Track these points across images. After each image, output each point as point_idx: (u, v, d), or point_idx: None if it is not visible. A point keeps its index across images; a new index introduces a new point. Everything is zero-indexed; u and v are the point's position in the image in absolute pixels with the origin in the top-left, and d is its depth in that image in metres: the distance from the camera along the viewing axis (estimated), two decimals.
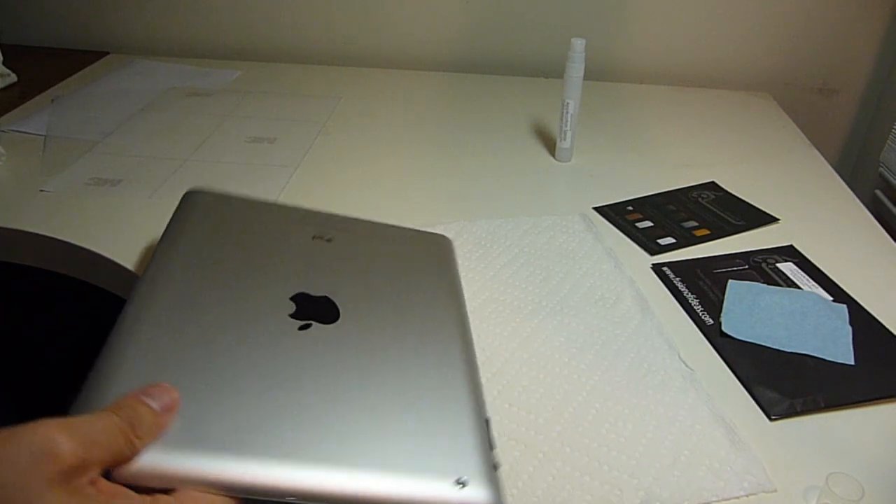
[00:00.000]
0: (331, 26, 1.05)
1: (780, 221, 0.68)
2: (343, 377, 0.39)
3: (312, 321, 0.42)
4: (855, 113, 1.06)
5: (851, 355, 0.50)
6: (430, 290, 0.49)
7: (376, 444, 0.36)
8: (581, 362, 0.49)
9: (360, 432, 0.36)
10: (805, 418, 0.46)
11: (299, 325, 0.41)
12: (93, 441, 0.30)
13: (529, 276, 0.58)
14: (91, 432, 0.30)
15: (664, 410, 0.45)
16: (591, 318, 0.54)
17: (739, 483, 0.41)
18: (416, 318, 0.45)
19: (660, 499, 0.39)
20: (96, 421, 0.31)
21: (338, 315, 0.43)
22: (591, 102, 0.92)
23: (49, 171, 0.73)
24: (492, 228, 0.65)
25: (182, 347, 0.38)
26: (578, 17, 1.01)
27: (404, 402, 0.39)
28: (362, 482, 0.34)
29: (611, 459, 0.42)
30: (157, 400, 0.34)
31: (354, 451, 0.35)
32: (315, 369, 0.39)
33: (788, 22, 0.99)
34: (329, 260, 0.48)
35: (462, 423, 0.39)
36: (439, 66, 1.06)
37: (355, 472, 0.34)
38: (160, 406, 0.34)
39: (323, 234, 0.50)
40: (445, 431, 0.38)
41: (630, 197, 0.72)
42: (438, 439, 0.37)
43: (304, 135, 0.83)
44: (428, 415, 0.38)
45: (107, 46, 1.08)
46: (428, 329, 0.45)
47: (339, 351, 0.41)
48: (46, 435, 0.28)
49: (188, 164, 0.75)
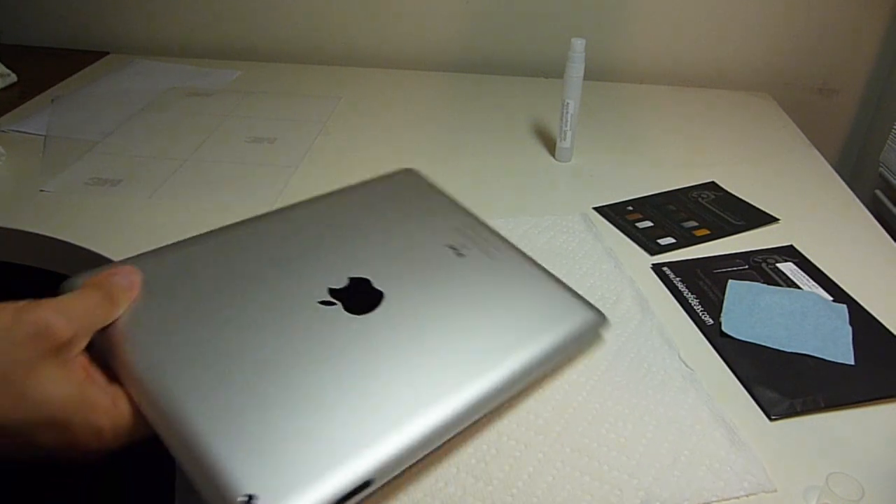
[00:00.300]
0: (331, 26, 1.05)
1: (780, 221, 0.68)
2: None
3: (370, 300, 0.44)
4: (855, 113, 1.06)
5: (851, 355, 0.50)
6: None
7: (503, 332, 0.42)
8: (581, 362, 0.49)
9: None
10: (805, 418, 0.46)
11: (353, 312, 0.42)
12: (81, 317, 0.36)
13: None
14: (79, 309, 0.36)
15: (664, 410, 0.45)
16: None
17: (739, 483, 0.41)
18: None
19: (660, 499, 0.39)
20: (83, 298, 0.37)
21: (379, 297, 0.44)
22: (591, 102, 0.92)
23: (49, 171, 0.73)
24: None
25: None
26: (578, 17, 1.01)
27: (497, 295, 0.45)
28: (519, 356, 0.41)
29: (611, 459, 0.42)
30: (125, 277, 0.40)
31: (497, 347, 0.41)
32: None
33: (788, 22, 0.99)
34: (355, 248, 0.48)
35: (536, 278, 0.47)
36: (439, 66, 1.06)
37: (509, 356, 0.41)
38: (128, 282, 0.40)
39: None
40: (535, 293, 0.46)
41: (630, 197, 0.72)
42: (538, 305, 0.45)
43: (304, 135, 0.83)
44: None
45: (107, 46, 1.08)
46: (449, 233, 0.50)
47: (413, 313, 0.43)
48: (43, 316, 0.34)
49: (188, 164, 0.75)
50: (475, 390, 0.39)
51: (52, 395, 0.33)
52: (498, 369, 0.40)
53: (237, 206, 0.68)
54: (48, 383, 0.33)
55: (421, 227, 0.50)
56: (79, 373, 0.35)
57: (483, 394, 0.39)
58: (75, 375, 0.35)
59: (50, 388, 0.33)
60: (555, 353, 0.43)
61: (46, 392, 0.33)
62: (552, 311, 0.45)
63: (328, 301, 0.43)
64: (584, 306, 0.46)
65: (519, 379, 0.41)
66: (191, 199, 0.69)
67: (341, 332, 0.41)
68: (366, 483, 0.33)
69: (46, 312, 0.34)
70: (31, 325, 0.33)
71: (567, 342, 0.44)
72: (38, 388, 0.33)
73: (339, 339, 0.40)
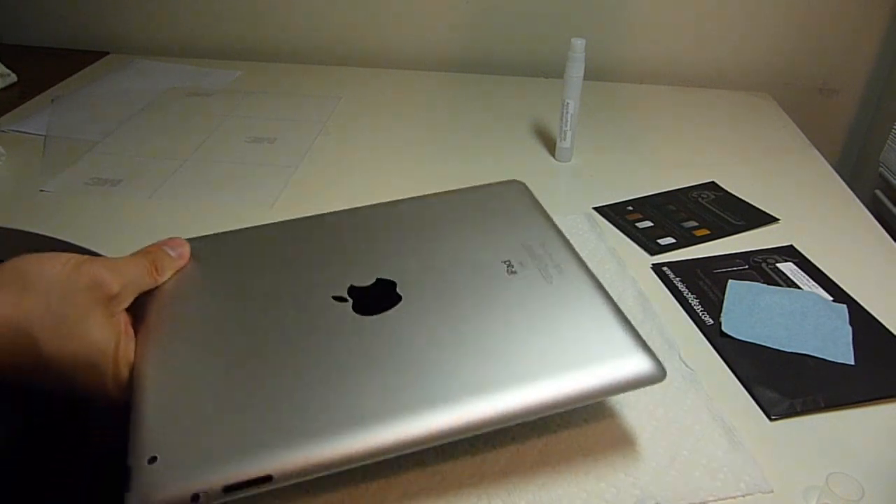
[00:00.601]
0: (331, 26, 1.05)
1: (780, 221, 0.68)
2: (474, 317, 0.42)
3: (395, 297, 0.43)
4: (855, 113, 1.06)
5: (851, 355, 0.50)
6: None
7: (535, 358, 0.39)
8: None
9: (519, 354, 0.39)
10: (805, 418, 0.46)
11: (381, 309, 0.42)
12: (128, 278, 0.41)
13: None
14: (128, 271, 0.42)
15: (663, 411, 0.45)
16: None
17: (736, 483, 0.41)
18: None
19: (655, 498, 0.39)
20: (133, 263, 0.43)
21: (395, 301, 0.43)
22: (591, 102, 0.92)
23: (49, 171, 0.73)
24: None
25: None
26: (578, 17, 1.01)
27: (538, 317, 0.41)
28: (547, 389, 0.37)
29: (607, 457, 0.42)
30: (174, 249, 0.46)
31: (523, 369, 0.38)
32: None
33: (788, 22, 0.99)
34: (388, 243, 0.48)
35: (594, 309, 0.42)
36: (439, 66, 1.06)
37: (536, 383, 0.37)
38: (176, 254, 0.46)
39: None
40: (584, 324, 0.41)
41: (630, 197, 0.72)
42: (585, 334, 0.40)
43: (304, 135, 0.83)
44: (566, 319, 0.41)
45: (107, 46, 1.08)
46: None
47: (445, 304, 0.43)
48: (98, 271, 0.39)
49: (188, 164, 0.75)
50: (442, 420, 0.35)
51: (97, 338, 0.38)
52: (482, 402, 0.36)
53: (237, 206, 0.68)
54: (95, 328, 0.38)
55: (490, 239, 0.48)
56: (119, 326, 0.40)
57: (450, 427, 0.35)
58: (116, 328, 0.40)
59: (96, 332, 0.38)
60: (576, 398, 0.37)
61: (93, 335, 0.38)
62: (595, 350, 0.39)
63: (341, 297, 0.43)
64: (640, 353, 0.39)
65: (506, 418, 0.36)
66: (191, 199, 0.69)
67: (337, 329, 0.41)
68: (266, 478, 0.33)
69: (101, 269, 0.40)
70: (88, 276, 0.39)
71: (594, 391, 0.38)
72: (87, 329, 0.38)
73: (334, 335, 0.40)
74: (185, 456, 0.34)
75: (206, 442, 0.34)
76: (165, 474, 0.33)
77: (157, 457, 0.33)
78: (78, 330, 0.37)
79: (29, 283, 0.37)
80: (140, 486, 0.32)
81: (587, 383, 0.38)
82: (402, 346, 0.39)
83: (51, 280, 0.38)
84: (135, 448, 0.34)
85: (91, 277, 0.39)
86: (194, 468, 0.33)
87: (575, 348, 0.39)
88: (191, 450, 0.34)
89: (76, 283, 0.38)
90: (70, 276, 0.38)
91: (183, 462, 0.33)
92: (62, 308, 0.37)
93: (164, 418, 0.36)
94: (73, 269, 0.39)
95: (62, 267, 0.39)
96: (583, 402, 0.38)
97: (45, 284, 0.38)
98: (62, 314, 0.37)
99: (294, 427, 0.35)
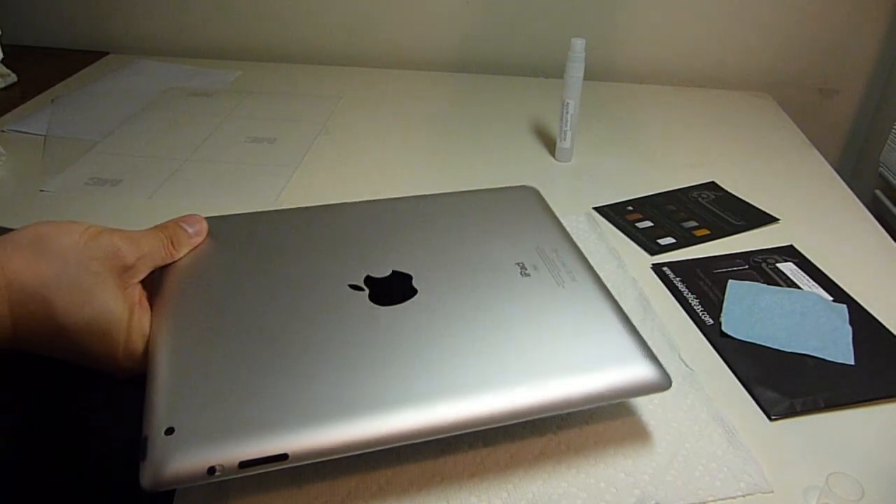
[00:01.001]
0: (331, 26, 1.05)
1: (780, 221, 0.68)
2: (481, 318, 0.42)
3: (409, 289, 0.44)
4: (855, 113, 1.06)
5: (851, 355, 0.50)
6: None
7: (546, 358, 0.39)
8: None
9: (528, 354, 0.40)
10: (805, 418, 0.46)
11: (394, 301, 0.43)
12: (145, 250, 0.42)
13: None
14: (144, 244, 0.42)
15: (663, 410, 0.45)
16: None
17: (736, 483, 0.41)
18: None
19: (655, 497, 0.39)
20: (150, 237, 0.43)
21: (410, 294, 0.44)
22: (591, 102, 0.92)
23: (49, 171, 0.73)
24: None
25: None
26: (578, 17, 1.01)
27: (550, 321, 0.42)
28: (553, 389, 0.38)
29: (607, 457, 0.42)
30: (191, 226, 0.46)
31: (535, 367, 0.39)
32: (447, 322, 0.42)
33: (788, 22, 0.99)
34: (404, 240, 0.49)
35: (603, 316, 0.43)
36: (439, 66, 1.06)
37: (546, 381, 0.38)
38: (193, 231, 0.46)
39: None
40: (593, 330, 0.41)
41: (630, 197, 0.72)
42: (593, 339, 0.41)
43: (304, 135, 0.83)
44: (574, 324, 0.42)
45: (107, 46, 1.08)
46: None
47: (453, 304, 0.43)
48: (116, 241, 0.40)
49: (188, 164, 0.75)
50: (452, 411, 0.36)
51: (111, 307, 0.39)
52: (492, 396, 0.37)
53: (237, 206, 0.67)
54: (109, 296, 0.39)
55: (505, 241, 0.49)
56: (133, 297, 0.41)
57: (459, 419, 0.36)
58: (130, 298, 0.41)
59: (110, 300, 0.39)
60: (579, 401, 0.38)
61: (107, 303, 0.39)
62: (603, 355, 0.40)
63: (358, 286, 0.44)
64: (647, 361, 0.40)
65: (510, 416, 0.37)
66: (191, 199, 0.69)
67: (353, 316, 0.41)
68: (282, 456, 0.34)
69: (118, 239, 0.41)
70: (105, 245, 0.40)
71: (601, 394, 0.38)
72: (101, 297, 0.38)
73: (349, 322, 0.41)
74: (203, 429, 0.34)
75: (223, 417, 0.34)
76: (182, 446, 0.33)
77: (174, 428, 0.34)
78: (92, 297, 0.38)
79: (46, 248, 0.38)
80: (156, 457, 0.32)
81: (594, 386, 0.38)
82: (416, 337, 0.40)
83: (68, 247, 0.38)
84: (151, 419, 0.34)
85: (107, 247, 0.40)
86: (212, 442, 0.33)
87: (584, 352, 0.40)
88: (209, 424, 0.34)
89: (93, 251, 0.39)
90: (87, 244, 0.39)
91: (200, 435, 0.34)
92: (78, 274, 0.38)
93: (183, 391, 0.36)
94: (90, 237, 0.40)
95: (80, 235, 0.39)
96: (589, 404, 0.39)
97: (63, 250, 0.38)
98: (77, 280, 0.38)
99: (310, 408, 0.35)
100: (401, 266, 0.46)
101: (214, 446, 0.33)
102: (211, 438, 0.33)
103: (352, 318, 0.41)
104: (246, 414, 0.35)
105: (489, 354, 0.39)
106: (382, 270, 0.45)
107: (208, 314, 0.41)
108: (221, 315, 0.41)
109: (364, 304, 0.43)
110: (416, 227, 0.50)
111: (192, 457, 0.33)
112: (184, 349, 0.39)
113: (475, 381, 0.38)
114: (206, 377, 0.37)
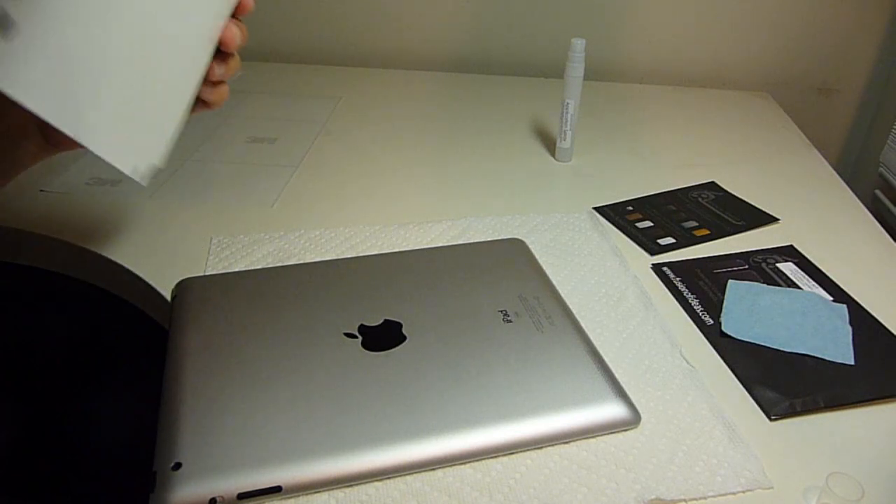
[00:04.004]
0: (331, 26, 1.05)
1: (780, 221, 0.68)
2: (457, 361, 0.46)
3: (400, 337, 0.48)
4: (855, 113, 1.06)
5: (851, 355, 0.50)
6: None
7: (521, 398, 0.43)
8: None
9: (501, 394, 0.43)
10: (805, 418, 0.46)
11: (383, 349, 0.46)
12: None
13: None
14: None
15: (664, 407, 0.45)
16: (595, 314, 0.54)
17: (736, 479, 0.41)
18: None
19: (655, 493, 0.40)
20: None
21: (400, 341, 0.47)
22: (591, 102, 0.92)
23: (49, 171, 0.73)
24: (499, 225, 0.65)
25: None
26: (578, 17, 1.01)
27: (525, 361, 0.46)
28: (530, 427, 0.41)
29: (608, 454, 0.42)
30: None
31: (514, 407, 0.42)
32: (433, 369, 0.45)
33: (788, 22, 0.99)
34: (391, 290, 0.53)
35: (578, 358, 0.46)
36: (439, 66, 1.06)
37: (522, 421, 0.42)
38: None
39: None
40: (568, 371, 0.45)
41: (630, 197, 0.72)
42: (567, 378, 0.44)
43: (304, 135, 0.83)
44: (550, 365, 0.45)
45: None
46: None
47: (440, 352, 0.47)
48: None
49: (188, 164, 0.75)
50: (435, 448, 0.40)
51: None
52: (470, 435, 0.41)
53: (237, 206, 0.68)
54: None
55: (489, 290, 0.52)
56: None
57: (440, 454, 0.40)
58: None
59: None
60: (553, 437, 0.42)
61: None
62: (574, 394, 0.43)
63: (352, 334, 0.47)
64: (617, 400, 0.44)
65: (488, 451, 0.41)
66: (191, 199, 0.69)
67: (347, 361, 0.45)
68: (276, 488, 0.38)
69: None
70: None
71: (573, 431, 0.42)
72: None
73: (343, 366, 0.44)
74: (206, 465, 0.38)
75: (225, 454, 0.38)
76: (187, 480, 0.37)
77: (181, 463, 0.37)
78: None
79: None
80: (164, 490, 0.36)
81: (568, 424, 0.42)
82: (405, 380, 0.44)
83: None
84: (161, 455, 0.38)
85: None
86: (213, 476, 0.37)
87: (559, 392, 0.44)
88: (211, 460, 0.38)
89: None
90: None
91: (203, 470, 0.37)
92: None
93: (190, 431, 0.40)
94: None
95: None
96: (563, 440, 0.42)
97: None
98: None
99: (304, 445, 0.39)
100: (392, 315, 0.49)
101: (216, 480, 0.37)
102: (213, 473, 0.37)
103: (345, 363, 0.45)
104: (245, 450, 0.38)
105: (471, 395, 0.43)
106: (375, 319, 0.49)
107: (216, 363, 0.45)
108: (228, 362, 0.45)
109: (357, 350, 0.46)
110: (407, 278, 0.54)
111: (196, 489, 0.36)
112: (193, 394, 0.42)
113: (457, 420, 0.41)
114: (212, 419, 0.40)
